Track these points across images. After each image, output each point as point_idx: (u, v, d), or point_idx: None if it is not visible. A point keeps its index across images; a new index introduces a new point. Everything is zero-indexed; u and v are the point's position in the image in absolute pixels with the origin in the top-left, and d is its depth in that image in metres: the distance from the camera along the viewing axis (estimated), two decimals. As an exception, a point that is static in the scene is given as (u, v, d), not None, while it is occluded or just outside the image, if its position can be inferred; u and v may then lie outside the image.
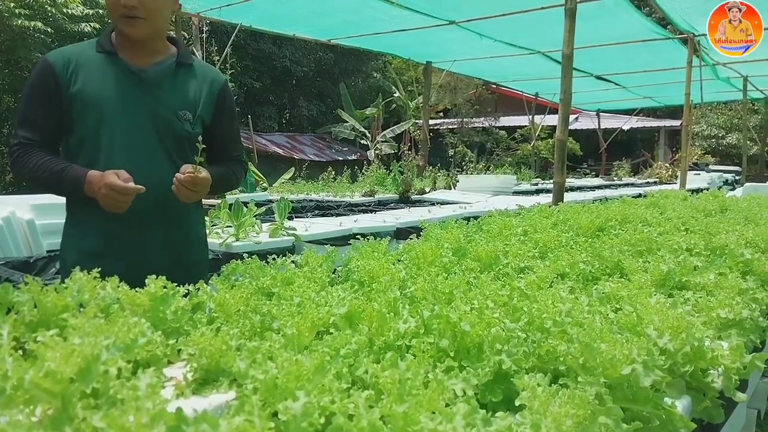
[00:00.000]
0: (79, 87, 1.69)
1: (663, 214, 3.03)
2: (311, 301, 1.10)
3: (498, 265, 1.73)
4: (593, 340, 0.81)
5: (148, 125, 1.75)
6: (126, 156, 1.72)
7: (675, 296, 1.50)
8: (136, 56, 1.76)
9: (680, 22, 7.71)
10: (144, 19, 1.69)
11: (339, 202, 6.72)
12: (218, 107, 1.91)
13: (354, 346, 0.92)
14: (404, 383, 0.68)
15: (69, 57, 1.71)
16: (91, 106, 1.69)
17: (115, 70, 1.73)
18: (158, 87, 1.78)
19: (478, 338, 0.91)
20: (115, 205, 1.63)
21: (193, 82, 1.85)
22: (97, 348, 0.82)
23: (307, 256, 1.75)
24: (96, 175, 1.64)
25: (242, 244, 2.91)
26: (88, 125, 1.70)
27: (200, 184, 1.72)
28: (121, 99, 1.72)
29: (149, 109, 1.76)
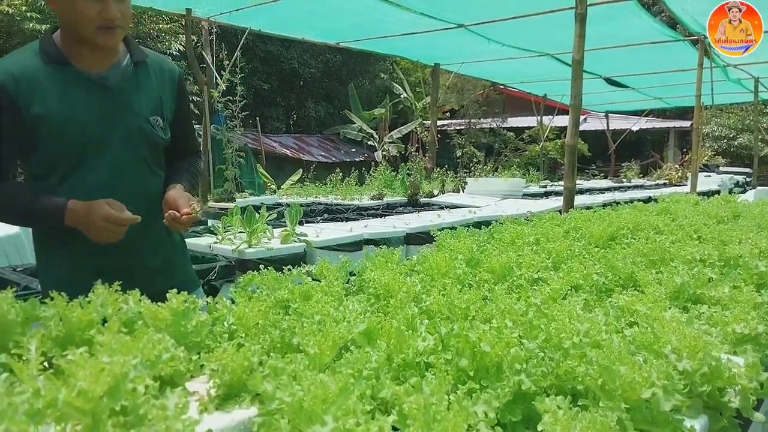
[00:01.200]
0: (39, 107, 1.53)
1: (675, 221, 3.03)
2: (330, 318, 1.11)
3: (512, 276, 1.74)
4: (612, 362, 0.82)
5: (122, 138, 1.66)
6: (104, 172, 1.63)
7: (689, 309, 1.50)
8: (90, 62, 1.63)
9: (690, 23, 7.67)
10: (120, 27, 1.60)
11: (348, 205, 6.75)
12: (178, 102, 1.83)
13: (374, 364, 0.93)
14: (429, 408, 0.69)
15: (15, 73, 1.53)
16: (58, 126, 1.55)
17: (73, 81, 1.60)
18: (124, 94, 1.67)
19: (497, 358, 0.92)
20: (109, 237, 1.55)
21: (153, 80, 1.75)
22: (126, 366, 0.84)
23: (322, 267, 1.77)
24: (81, 205, 1.52)
25: (255, 251, 2.94)
26: (58, 146, 1.57)
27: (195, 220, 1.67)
28: (89, 114, 1.60)
29: (121, 121, 1.66)
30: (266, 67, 22.29)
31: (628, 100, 14.93)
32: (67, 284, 1.25)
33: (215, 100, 6.31)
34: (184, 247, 1.94)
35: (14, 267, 2.77)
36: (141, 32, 13.33)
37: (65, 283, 1.27)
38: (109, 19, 1.55)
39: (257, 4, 6.52)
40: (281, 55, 22.32)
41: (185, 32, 6.81)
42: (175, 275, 1.83)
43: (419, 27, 7.79)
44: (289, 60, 22.60)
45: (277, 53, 22.11)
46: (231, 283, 2.81)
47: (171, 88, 1.79)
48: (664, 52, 9.07)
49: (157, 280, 1.70)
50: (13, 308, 1.10)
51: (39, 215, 1.55)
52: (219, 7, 6.72)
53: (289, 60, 22.58)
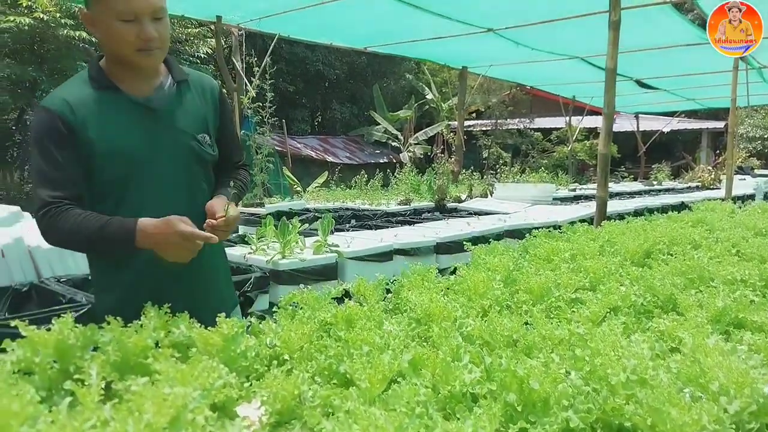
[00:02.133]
0: (94, 133, 1.57)
1: (711, 233, 2.99)
2: (376, 347, 1.14)
3: (550, 297, 1.74)
4: (662, 403, 0.83)
5: (172, 158, 1.69)
6: (157, 192, 1.66)
7: (731, 333, 1.49)
8: (135, 86, 1.66)
9: (725, 26, 7.52)
10: (159, 49, 1.62)
11: (375, 211, 6.78)
12: (221, 117, 1.86)
13: (423, 398, 0.95)
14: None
15: (70, 101, 1.57)
16: (110, 151, 1.59)
17: (122, 106, 1.63)
18: (171, 115, 1.70)
19: (545, 393, 0.94)
20: (185, 255, 1.55)
21: (196, 98, 1.78)
22: (186, 398, 0.87)
23: (359, 285, 1.80)
24: (153, 224, 1.52)
25: (288, 262, 2.98)
26: (113, 171, 1.61)
27: (232, 222, 1.67)
28: (139, 137, 1.63)
29: (170, 142, 1.69)
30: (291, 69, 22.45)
31: (659, 101, 14.68)
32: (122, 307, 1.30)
33: (245, 106, 6.40)
34: (227, 264, 1.98)
35: (58, 278, 2.87)
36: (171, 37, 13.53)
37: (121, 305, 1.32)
38: (147, 40, 1.57)
39: (286, 11, 6.61)
40: (306, 57, 22.47)
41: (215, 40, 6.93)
42: (219, 293, 1.87)
43: (447, 31, 7.79)
44: (314, 62, 22.73)
45: (302, 55, 22.27)
46: (265, 294, 2.86)
47: (213, 104, 1.82)
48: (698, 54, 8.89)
49: (202, 297, 1.75)
50: (73, 332, 1.15)
51: (110, 238, 1.53)
52: (248, 14, 6.82)
53: (314, 61, 22.72)
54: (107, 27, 1.56)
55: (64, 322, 1.14)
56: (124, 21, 1.54)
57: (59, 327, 1.13)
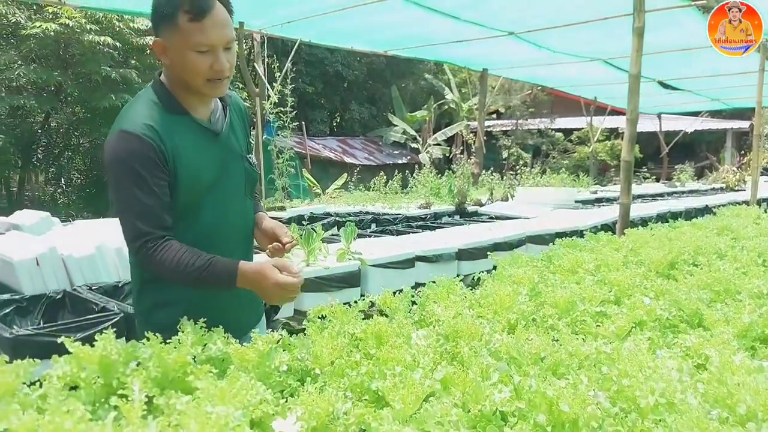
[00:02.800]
0: (178, 159, 1.59)
1: (737, 241, 2.97)
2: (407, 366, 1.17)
3: (575, 311, 1.76)
4: (691, 429, 0.85)
5: (235, 181, 1.75)
6: (222, 213, 1.71)
7: (757, 350, 1.50)
8: (199, 110, 1.69)
9: (750, 27, 7.41)
10: (228, 78, 1.64)
11: (395, 215, 6.82)
12: (249, 135, 1.92)
13: (455, 417, 0.98)
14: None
15: (155, 126, 1.57)
16: (191, 177, 1.61)
17: (195, 132, 1.66)
18: (228, 139, 1.75)
19: (574, 415, 0.96)
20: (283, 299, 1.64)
21: (237, 119, 1.82)
22: (228, 417, 0.91)
23: (385, 299, 1.83)
24: (251, 271, 1.55)
25: (312, 270, 3.03)
26: (190, 197, 1.63)
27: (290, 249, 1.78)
28: (211, 162, 1.67)
29: (231, 165, 1.74)
30: (311, 70, 22.57)
31: (682, 102, 14.48)
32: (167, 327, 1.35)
33: (266, 111, 6.48)
34: None
35: (90, 286, 2.95)
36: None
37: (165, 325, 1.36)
38: (220, 70, 1.58)
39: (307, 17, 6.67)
40: (325, 58, 22.57)
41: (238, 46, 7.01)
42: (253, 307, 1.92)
43: (468, 35, 7.79)
44: (333, 62, 22.83)
45: (321, 56, 22.37)
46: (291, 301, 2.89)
47: (245, 123, 1.89)
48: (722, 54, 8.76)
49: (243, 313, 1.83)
50: (115, 348, 1.20)
51: (212, 278, 1.55)
52: (271, 20, 6.90)
53: (333, 62, 22.81)
54: (181, 57, 1.56)
55: (107, 338, 1.19)
56: (199, 52, 1.55)
57: (102, 343, 1.18)
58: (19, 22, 10.08)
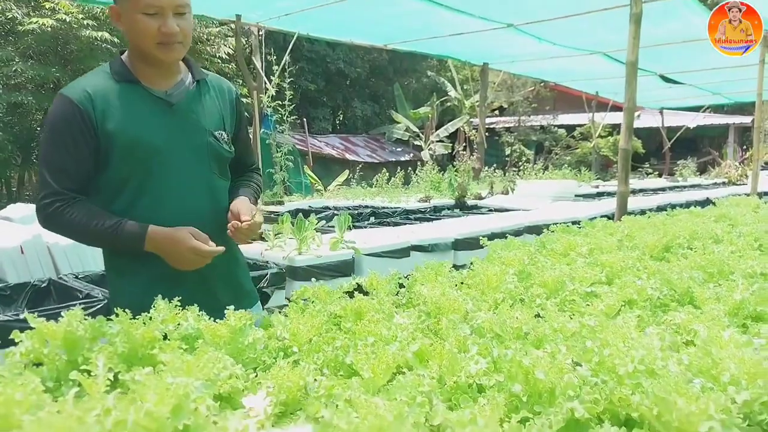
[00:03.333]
0: (113, 125, 1.59)
1: (734, 227, 2.92)
2: (382, 339, 1.13)
3: (564, 291, 1.72)
4: (668, 393, 0.81)
5: (190, 153, 1.71)
6: (174, 188, 1.67)
7: (749, 327, 1.46)
8: (156, 81, 1.68)
9: (752, 17, 7.34)
10: (180, 43, 1.63)
11: (394, 208, 6.78)
12: (237, 119, 1.87)
13: (427, 388, 0.95)
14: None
15: (90, 91, 1.59)
16: (131, 144, 1.60)
17: (142, 99, 1.65)
18: (189, 110, 1.72)
19: (550, 384, 0.92)
20: (192, 266, 1.60)
21: (214, 97, 1.79)
22: (188, 387, 0.88)
23: (372, 280, 1.79)
24: (162, 234, 1.56)
25: (304, 258, 3.00)
26: (131, 164, 1.62)
27: (256, 228, 1.70)
28: (157, 131, 1.65)
29: (188, 137, 1.70)
30: (312, 67, 22.55)
31: (684, 96, 14.40)
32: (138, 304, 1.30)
33: (264, 104, 6.45)
34: (244, 261, 2.00)
35: (76, 274, 2.92)
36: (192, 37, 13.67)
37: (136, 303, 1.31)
38: (169, 34, 1.59)
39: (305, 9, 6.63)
40: (327, 55, 22.53)
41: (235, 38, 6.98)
42: (237, 289, 1.87)
43: (467, 27, 7.74)
44: (335, 60, 22.79)
45: (323, 53, 22.34)
46: (282, 290, 2.88)
47: (230, 106, 1.84)
48: (724, 47, 8.69)
49: (221, 294, 1.77)
50: (81, 324, 1.16)
51: (118, 241, 1.56)
52: (268, 12, 6.86)
53: (335, 60, 22.77)
54: (131, 21, 1.59)
55: (73, 315, 1.16)
56: (148, 15, 1.57)
57: (68, 319, 1.14)
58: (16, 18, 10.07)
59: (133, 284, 1.68)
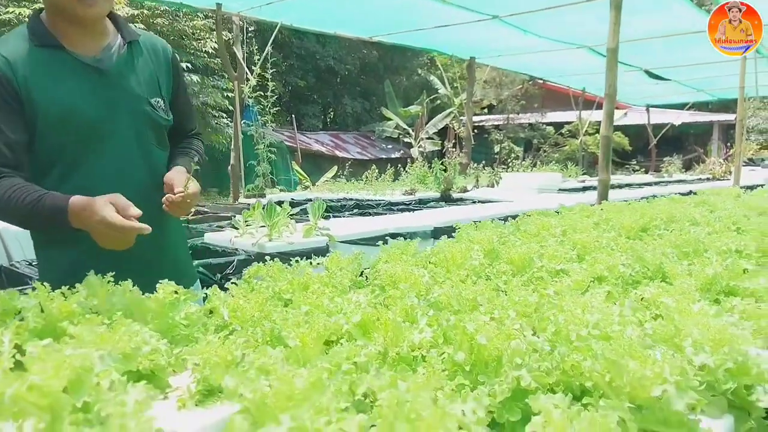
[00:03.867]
0: (38, 95, 1.44)
1: (713, 212, 2.86)
2: (323, 309, 1.04)
3: (532, 268, 1.64)
4: (621, 356, 0.72)
5: (125, 123, 1.57)
6: (109, 160, 1.54)
7: (721, 303, 1.38)
8: (81, 44, 1.52)
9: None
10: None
11: (378, 201, 6.69)
12: (174, 82, 1.73)
13: (363, 358, 0.86)
14: (402, 406, 0.61)
15: (8, 58, 1.43)
16: (57, 115, 1.46)
17: (70, 67, 1.49)
18: (122, 77, 1.57)
19: (496, 351, 0.84)
20: (115, 245, 1.37)
21: (148, 60, 1.65)
22: (88, 359, 0.78)
23: (333, 259, 1.71)
24: (81, 203, 1.35)
25: (275, 245, 2.90)
26: (60, 137, 1.48)
27: (192, 198, 1.57)
28: (89, 101, 1.50)
29: (122, 106, 1.56)
30: (302, 64, 22.41)
31: (669, 93, 14.43)
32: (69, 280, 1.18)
33: (246, 95, 6.34)
34: (184, 237, 1.88)
35: (30, 261, 2.79)
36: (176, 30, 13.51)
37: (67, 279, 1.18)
38: None
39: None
40: (317, 52, 22.39)
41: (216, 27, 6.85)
42: (175, 267, 1.74)
43: (453, 19, 7.66)
44: (325, 57, 22.65)
45: (313, 50, 22.19)
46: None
47: (166, 67, 1.71)
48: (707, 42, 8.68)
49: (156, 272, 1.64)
50: (-6, 298, 1.06)
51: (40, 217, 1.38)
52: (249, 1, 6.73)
53: (325, 57, 22.64)
54: None
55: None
56: None
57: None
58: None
59: (59, 263, 1.56)
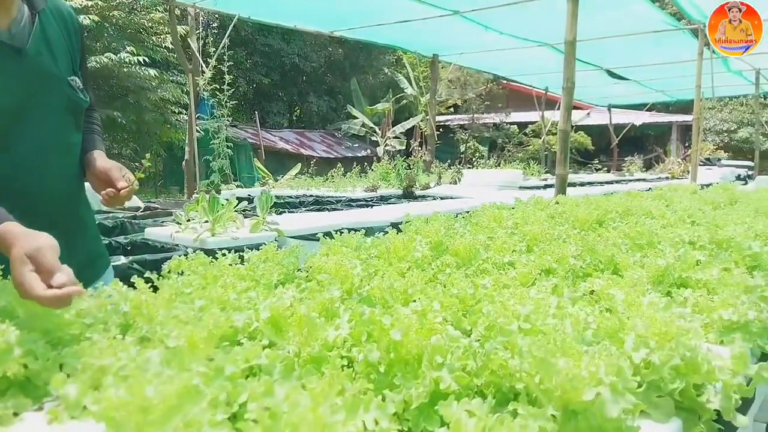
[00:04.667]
0: None
1: (669, 206, 2.83)
2: (230, 305, 0.92)
3: (478, 260, 1.54)
4: (552, 354, 0.62)
5: (50, 110, 1.41)
6: (29, 149, 1.37)
7: (673, 295, 1.31)
8: None
9: (690, 10, 7.44)
10: None
11: (339, 197, 6.56)
12: (82, 53, 1.55)
13: (264, 360, 0.74)
14: (276, 419, 0.50)
15: None
16: None
17: None
18: (40, 57, 1.38)
19: (416, 349, 0.73)
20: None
21: (59, 32, 1.46)
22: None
23: (265, 252, 1.58)
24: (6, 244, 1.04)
25: (218, 240, 2.75)
26: None
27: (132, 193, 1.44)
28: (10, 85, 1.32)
29: (43, 91, 1.39)
30: (267, 61, 22.10)
31: (630, 93, 14.68)
32: None
33: (201, 88, 6.13)
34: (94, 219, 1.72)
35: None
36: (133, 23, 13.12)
37: None
38: None
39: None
40: (282, 49, 22.10)
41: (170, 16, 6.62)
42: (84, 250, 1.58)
43: (415, 14, 7.58)
44: (290, 54, 22.37)
45: (277, 47, 21.90)
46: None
47: (76, 38, 1.52)
48: (666, 42, 8.83)
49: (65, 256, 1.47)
50: None
51: None
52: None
53: (290, 54, 22.36)
54: None
55: None
56: None
57: None
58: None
59: None
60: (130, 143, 15.10)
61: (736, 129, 21.44)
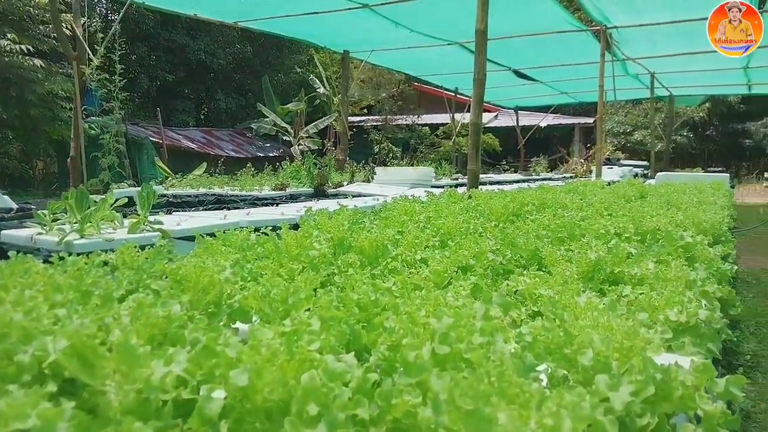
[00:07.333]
0: None
1: (583, 199, 2.76)
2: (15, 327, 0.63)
3: (386, 257, 1.32)
4: (484, 398, 0.39)
5: None
6: None
7: (607, 292, 1.14)
8: None
9: (593, 11, 7.67)
10: None
11: (245, 196, 6.18)
12: None
13: (35, 421, 0.46)
14: None
15: None
16: None
17: None
18: None
19: (279, 394, 0.48)
20: None
21: None
22: None
23: (123, 254, 1.28)
24: None
25: (88, 242, 2.36)
26: None
27: None
28: None
29: None
30: (171, 57, 21.04)
31: (536, 95, 15.19)
32: None
33: (87, 77, 5.54)
34: None
35: None
36: (16, 8, 11.97)
37: None
38: None
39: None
40: (187, 45, 21.12)
41: (51, 4, 5.96)
42: None
43: (323, 6, 7.33)
44: (196, 50, 21.43)
45: (182, 43, 20.91)
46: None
47: None
48: (570, 44, 9.10)
49: None
50: None
51: None
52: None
53: (196, 51, 21.41)
54: None
55: None
56: None
57: None
58: None
59: None
60: (14, 142, 13.78)
61: (631, 131, 22.90)
